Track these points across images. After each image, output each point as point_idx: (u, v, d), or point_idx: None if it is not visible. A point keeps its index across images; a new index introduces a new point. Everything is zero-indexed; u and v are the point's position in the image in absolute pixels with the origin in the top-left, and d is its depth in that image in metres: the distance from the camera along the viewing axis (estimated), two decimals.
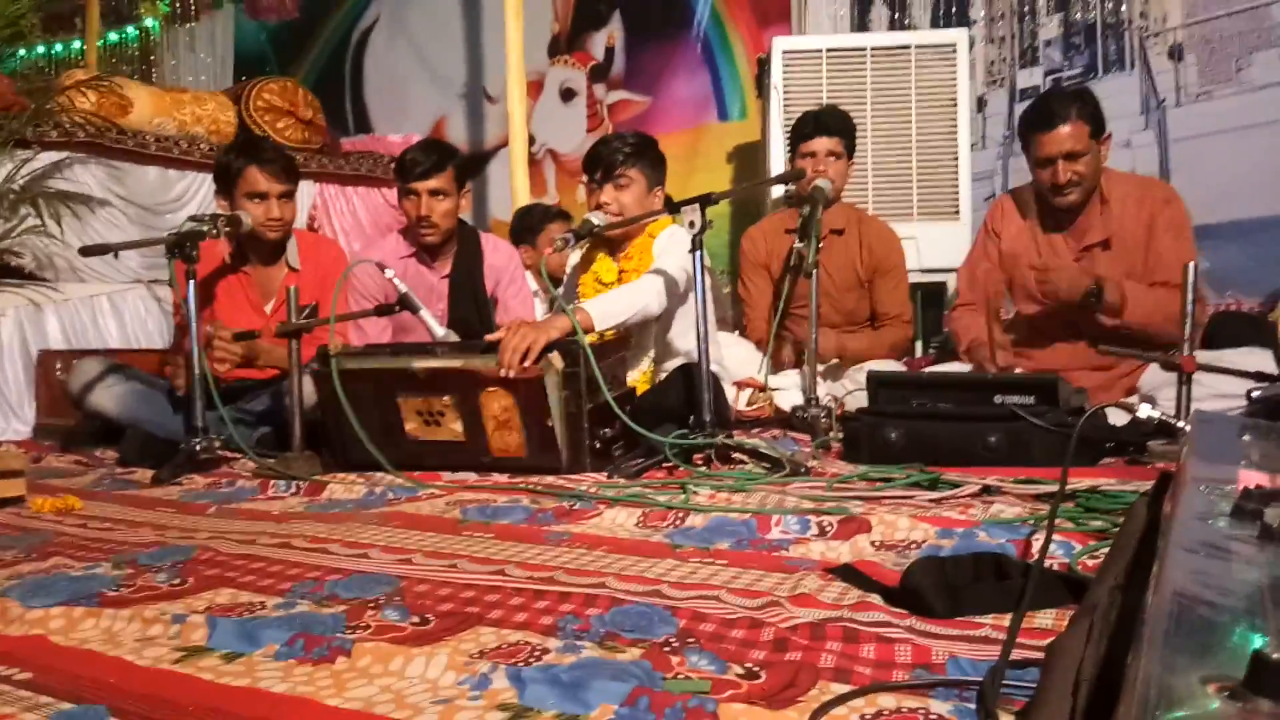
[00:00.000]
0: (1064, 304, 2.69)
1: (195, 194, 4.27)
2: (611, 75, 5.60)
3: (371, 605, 1.19)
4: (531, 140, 5.29)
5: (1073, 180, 2.67)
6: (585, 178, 2.75)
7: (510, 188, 4.51)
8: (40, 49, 7.42)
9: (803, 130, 3.18)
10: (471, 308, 2.96)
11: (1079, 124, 2.64)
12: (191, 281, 2.42)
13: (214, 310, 2.86)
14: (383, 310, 2.52)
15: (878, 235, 3.28)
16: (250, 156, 2.80)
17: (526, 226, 4.09)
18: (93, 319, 3.84)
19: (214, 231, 2.51)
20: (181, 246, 2.40)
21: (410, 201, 2.86)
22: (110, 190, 4.00)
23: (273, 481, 2.19)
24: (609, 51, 5.60)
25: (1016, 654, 0.91)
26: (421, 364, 2.19)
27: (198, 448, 2.38)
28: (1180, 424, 1.79)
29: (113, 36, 7.52)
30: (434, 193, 2.83)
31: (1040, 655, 0.86)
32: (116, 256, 3.44)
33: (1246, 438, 1.12)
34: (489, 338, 2.20)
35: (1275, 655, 0.41)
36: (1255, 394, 1.72)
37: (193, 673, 0.99)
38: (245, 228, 2.68)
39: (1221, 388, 2.28)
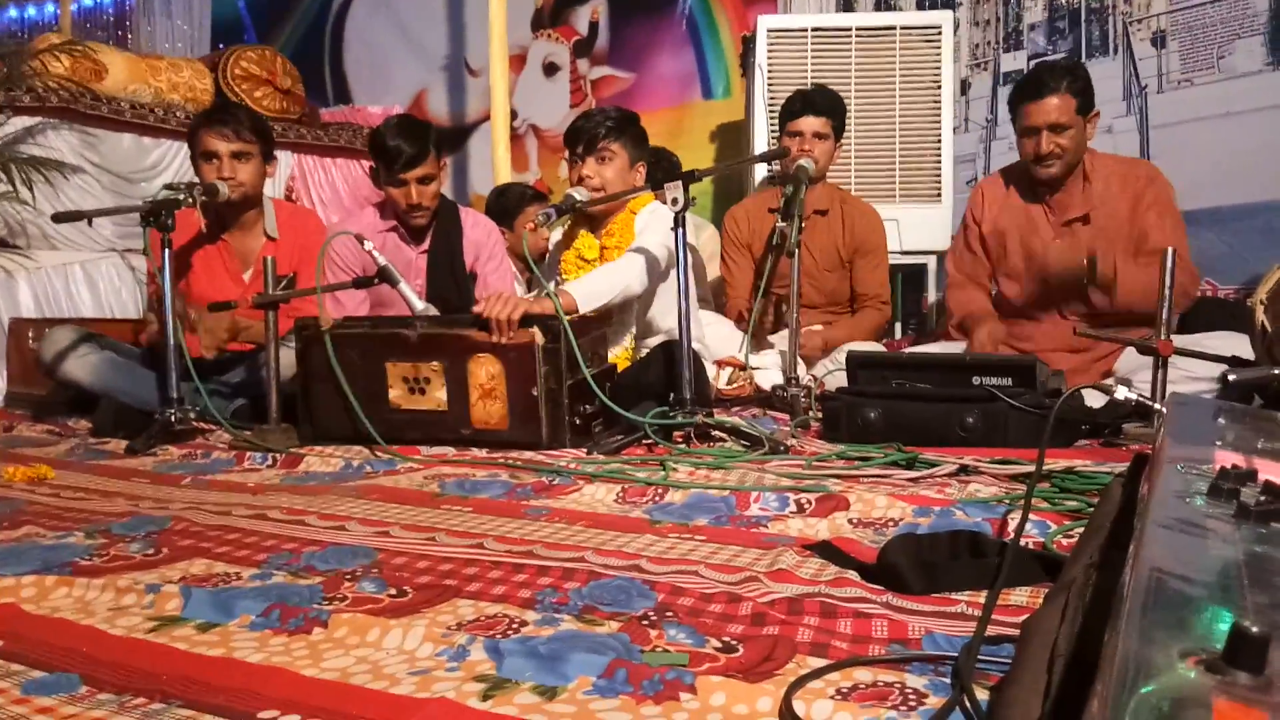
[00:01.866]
0: (1058, 279, 2.71)
1: (171, 162, 4.21)
2: (595, 50, 5.55)
3: (348, 577, 1.19)
4: (514, 115, 5.24)
5: (1054, 152, 2.70)
6: (566, 152, 2.73)
7: (492, 162, 4.46)
8: (13, 12, 7.27)
9: (791, 108, 3.17)
10: (450, 283, 2.93)
11: (1067, 97, 2.67)
12: (167, 251, 2.39)
13: (190, 280, 2.82)
14: (361, 283, 2.49)
15: (860, 215, 3.28)
16: (203, 119, 2.80)
17: (503, 208, 3.90)
18: (66, 287, 3.79)
19: (189, 200, 2.47)
20: (157, 215, 2.37)
21: (400, 190, 2.76)
22: (84, 157, 3.94)
23: (249, 454, 2.17)
24: (593, 26, 5.55)
25: (992, 630, 0.92)
26: (414, 330, 2.20)
27: (173, 418, 2.36)
28: (1157, 406, 1.81)
29: (87, 1, 7.37)
30: (423, 179, 2.78)
31: (1015, 631, 0.87)
32: (90, 224, 3.40)
33: (1222, 420, 1.13)
34: (471, 311, 2.20)
35: (1254, 629, 0.41)
36: (1231, 378, 1.74)
37: (166, 642, 0.98)
38: (222, 196, 2.64)
39: (1196, 371, 2.30)
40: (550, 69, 5.69)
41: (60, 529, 1.48)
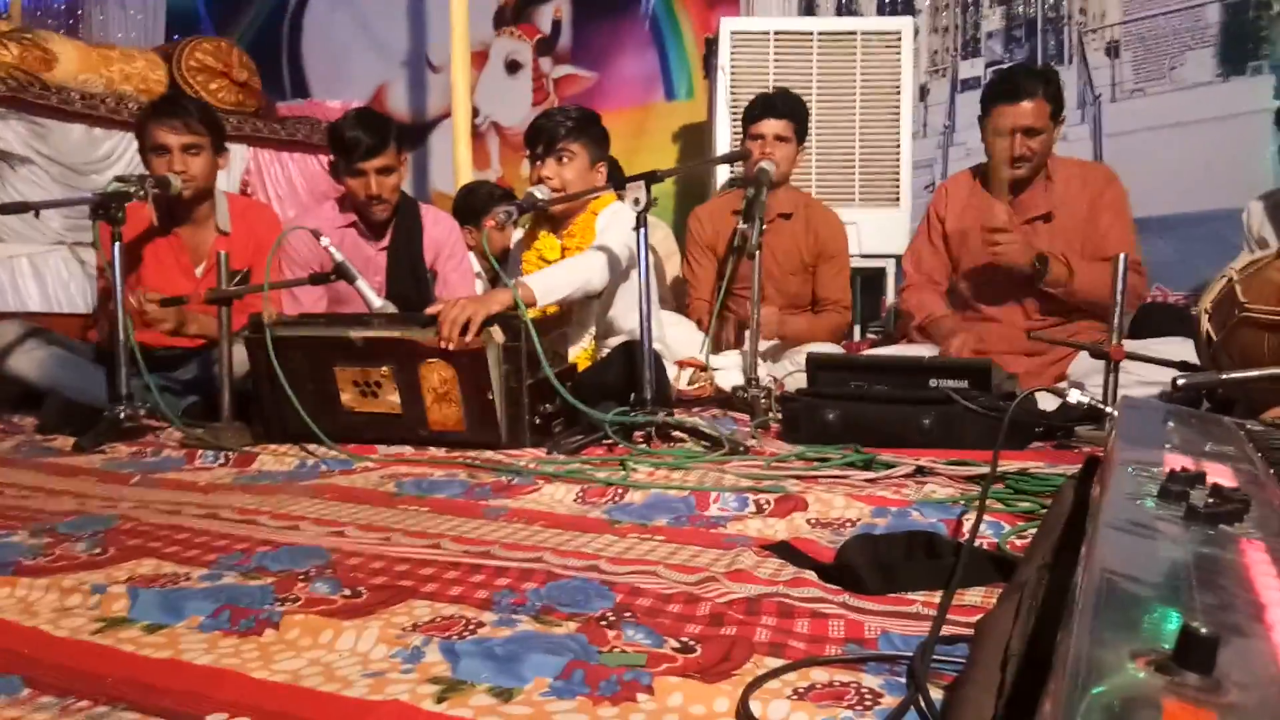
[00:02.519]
0: (1007, 275, 2.76)
1: (122, 154, 4.12)
2: (558, 49, 5.53)
3: (301, 577, 1.17)
4: (475, 112, 5.20)
5: (1025, 156, 2.77)
6: (530, 150, 2.72)
7: (453, 160, 4.43)
8: None
9: (753, 111, 3.18)
10: (410, 280, 2.90)
11: (1042, 102, 2.74)
12: (117, 244, 2.34)
13: (141, 274, 2.76)
14: (318, 279, 2.46)
15: (824, 221, 3.31)
16: (151, 111, 2.74)
17: (471, 207, 3.85)
18: (12, 281, 3.69)
19: (141, 193, 2.42)
20: (106, 208, 2.32)
21: (359, 181, 2.73)
22: (32, 148, 3.84)
23: (200, 452, 2.13)
24: (555, 25, 5.53)
25: (946, 630, 0.93)
26: (359, 333, 2.15)
27: (122, 415, 2.31)
28: (1109, 409, 1.84)
29: None
30: (382, 170, 2.75)
31: (969, 631, 0.88)
32: (38, 216, 3.30)
33: (1171, 423, 1.15)
34: (429, 310, 2.18)
35: (1203, 630, 0.42)
36: (1180, 381, 1.77)
37: (112, 644, 0.96)
38: (175, 190, 2.59)
39: (1146, 375, 2.35)
40: (512, 66, 5.66)
41: (4, 528, 1.44)
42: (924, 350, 2.89)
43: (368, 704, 0.81)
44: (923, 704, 0.76)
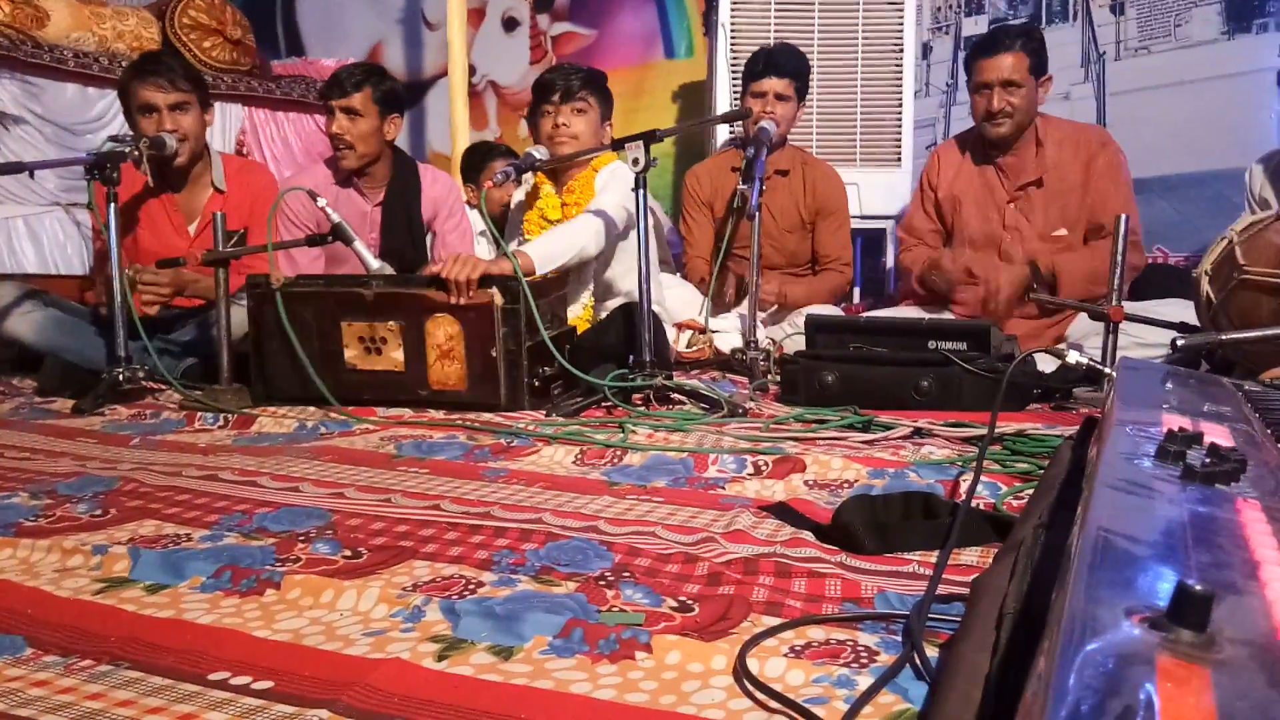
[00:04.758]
0: (1009, 295, 2.74)
1: (116, 114, 4.06)
2: (556, 6, 5.45)
3: (302, 538, 1.18)
4: (472, 70, 5.14)
5: (1005, 110, 2.76)
6: (540, 102, 2.70)
7: (449, 119, 4.38)
8: None
9: (754, 69, 3.14)
10: (406, 238, 2.89)
11: (1020, 55, 2.74)
12: (112, 205, 2.32)
13: (136, 235, 2.75)
14: (315, 240, 2.45)
15: (822, 177, 3.28)
16: (134, 72, 2.71)
17: (472, 165, 3.89)
18: (7, 242, 3.67)
19: (136, 153, 2.40)
20: (101, 168, 2.30)
21: (327, 119, 2.81)
22: (25, 107, 3.80)
23: (199, 414, 2.13)
24: None
25: (942, 589, 0.93)
26: (369, 288, 2.17)
27: (121, 378, 2.31)
28: (1107, 370, 1.84)
29: None
30: (347, 111, 2.76)
31: (965, 590, 0.89)
32: (32, 176, 3.29)
33: (1169, 384, 1.15)
34: (426, 271, 2.18)
35: (1198, 587, 0.42)
36: (1179, 342, 1.77)
37: (114, 604, 0.97)
38: (169, 149, 2.57)
39: (1146, 337, 2.35)
40: (510, 24, 5.58)
41: (4, 489, 1.44)
42: (923, 313, 2.88)
43: (369, 662, 0.82)
44: (918, 661, 0.77)
